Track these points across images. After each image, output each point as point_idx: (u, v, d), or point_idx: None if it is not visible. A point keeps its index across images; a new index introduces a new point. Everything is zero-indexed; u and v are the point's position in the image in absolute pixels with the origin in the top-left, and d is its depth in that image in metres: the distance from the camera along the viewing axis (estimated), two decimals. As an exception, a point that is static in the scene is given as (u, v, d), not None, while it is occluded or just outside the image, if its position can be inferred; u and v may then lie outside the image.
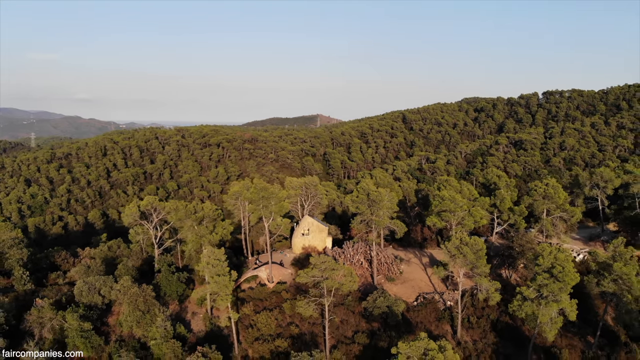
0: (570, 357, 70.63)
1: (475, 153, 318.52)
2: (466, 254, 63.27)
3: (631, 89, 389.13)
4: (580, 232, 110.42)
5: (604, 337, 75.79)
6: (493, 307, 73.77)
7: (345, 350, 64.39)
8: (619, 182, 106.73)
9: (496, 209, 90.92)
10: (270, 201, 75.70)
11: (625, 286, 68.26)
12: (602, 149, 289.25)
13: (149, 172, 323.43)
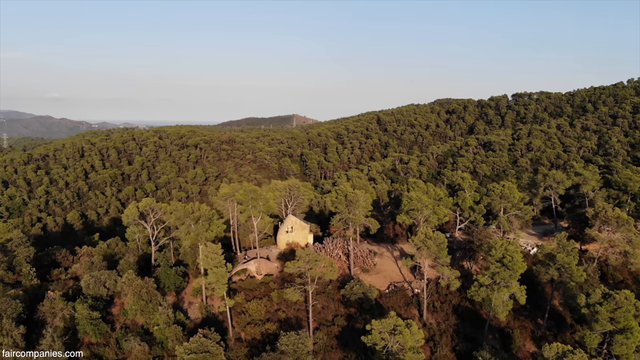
0: (521, 336, 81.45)
1: (446, 154, 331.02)
2: (430, 247, 73.39)
3: (597, 91, 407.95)
4: (536, 228, 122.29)
5: (551, 319, 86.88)
6: (454, 293, 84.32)
7: (326, 331, 74.28)
8: (569, 183, 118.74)
9: (458, 208, 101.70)
10: (259, 202, 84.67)
11: (567, 274, 79.30)
12: (567, 149, 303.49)
13: (126, 173, 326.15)
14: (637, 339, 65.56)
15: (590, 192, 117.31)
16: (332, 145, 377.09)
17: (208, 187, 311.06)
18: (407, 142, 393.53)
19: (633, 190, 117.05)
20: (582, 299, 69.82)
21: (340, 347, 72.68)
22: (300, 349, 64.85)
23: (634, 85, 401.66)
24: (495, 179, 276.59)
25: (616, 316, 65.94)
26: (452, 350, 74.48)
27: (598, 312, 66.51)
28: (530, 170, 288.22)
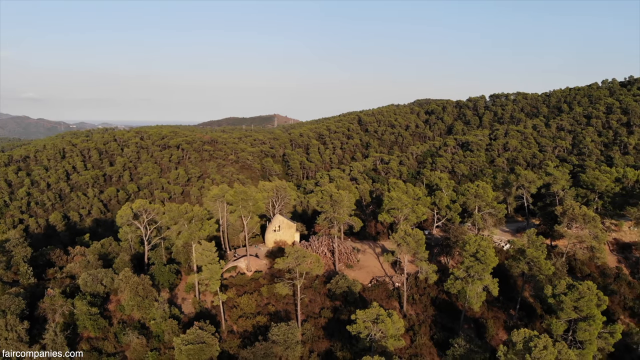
0: (495, 326, 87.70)
1: (425, 154, 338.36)
2: (409, 243, 78.97)
3: (572, 91, 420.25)
4: (509, 225, 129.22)
5: (523, 310, 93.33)
6: (432, 286, 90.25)
7: (313, 322, 79.64)
8: (540, 182, 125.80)
9: (436, 207, 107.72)
10: (249, 202, 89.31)
11: (536, 267, 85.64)
12: (543, 149, 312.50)
13: (108, 174, 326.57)
14: (599, 326, 71.96)
15: (560, 191, 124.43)
16: (314, 145, 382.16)
17: (190, 188, 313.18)
18: (388, 142, 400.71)
19: (600, 189, 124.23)
20: (549, 289, 76.01)
21: (327, 337, 78.23)
22: (290, 339, 69.97)
23: (608, 86, 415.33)
24: (473, 179, 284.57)
25: (580, 305, 72.07)
26: (430, 339, 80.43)
27: (563, 301, 72.59)
28: (506, 169, 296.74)
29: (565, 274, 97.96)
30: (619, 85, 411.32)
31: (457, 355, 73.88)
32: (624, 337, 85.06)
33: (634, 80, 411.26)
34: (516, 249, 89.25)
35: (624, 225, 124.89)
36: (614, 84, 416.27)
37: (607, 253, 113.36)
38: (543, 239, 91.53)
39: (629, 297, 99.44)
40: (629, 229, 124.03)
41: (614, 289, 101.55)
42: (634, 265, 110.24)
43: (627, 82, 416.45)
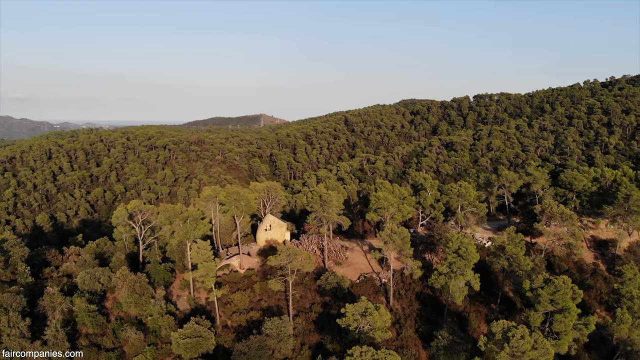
0: (477, 319, 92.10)
1: (411, 154, 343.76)
2: (395, 241, 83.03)
3: (554, 92, 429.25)
4: (491, 223, 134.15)
5: (503, 304, 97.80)
6: (417, 281, 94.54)
7: (305, 317, 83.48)
8: (521, 182, 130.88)
9: (421, 206, 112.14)
10: (241, 202, 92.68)
11: (515, 263, 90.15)
12: (526, 149, 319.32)
13: (95, 175, 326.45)
14: (574, 317, 76.57)
15: (540, 191, 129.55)
16: (301, 145, 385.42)
17: (178, 189, 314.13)
18: (374, 142, 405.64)
19: (578, 189, 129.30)
20: (527, 284, 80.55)
21: (317, 331, 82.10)
22: (282, 332, 73.73)
23: (590, 87, 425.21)
24: (457, 178, 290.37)
25: (555, 298, 76.54)
26: (415, 331, 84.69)
27: (540, 295, 77.02)
28: (490, 169, 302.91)
29: (544, 270, 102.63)
30: (600, 85, 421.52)
31: (441, 346, 78.18)
32: (600, 330, 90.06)
33: (615, 81, 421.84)
34: (497, 246, 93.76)
35: (601, 223, 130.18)
36: (595, 84, 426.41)
37: (584, 250, 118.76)
38: (523, 237, 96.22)
39: (604, 292, 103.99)
40: (605, 227, 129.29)
41: (590, 283, 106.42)
42: (610, 261, 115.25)
43: (609, 82, 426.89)
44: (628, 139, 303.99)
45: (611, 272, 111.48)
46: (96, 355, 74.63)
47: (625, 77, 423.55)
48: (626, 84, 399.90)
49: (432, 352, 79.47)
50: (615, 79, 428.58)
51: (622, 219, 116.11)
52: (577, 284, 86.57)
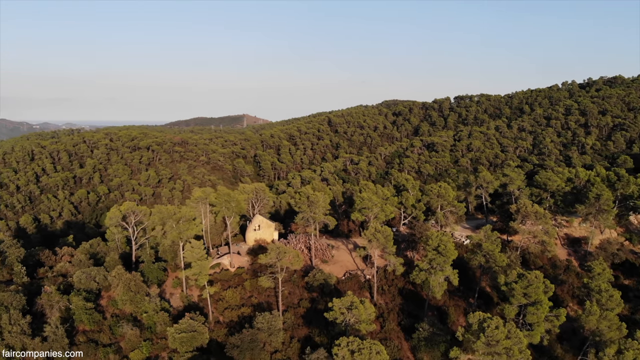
0: (456, 313, 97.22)
1: (393, 155, 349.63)
2: (379, 239, 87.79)
3: (533, 93, 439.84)
4: (470, 222, 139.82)
5: (481, 298, 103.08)
6: (400, 278, 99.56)
7: (293, 312, 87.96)
8: (498, 183, 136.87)
9: (403, 206, 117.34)
10: (231, 204, 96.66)
11: (492, 259, 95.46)
12: (505, 149, 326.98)
13: (78, 176, 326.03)
14: (546, 310, 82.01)
15: (516, 191, 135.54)
16: (285, 146, 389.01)
17: (162, 189, 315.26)
18: (357, 143, 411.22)
19: (552, 189, 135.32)
20: (502, 279, 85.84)
21: (306, 325, 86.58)
22: (273, 326, 78.09)
23: (568, 88, 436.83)
24: (438, 178, 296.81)
25: (528, 292, 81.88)
26: (398, 324, 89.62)
27: (514, 289, 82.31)
28: (470, 169, 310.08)
29: (519, 266, 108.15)
30: (578, 87, 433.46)
31: (422, 338, 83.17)
32: (572, 322, 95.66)
33: (592, 82, 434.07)
34: (474, 243, 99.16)
35: (575, 222, 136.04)
36: (573, 85, 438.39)
37: (558, 247, 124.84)
38: (499, 235, 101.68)
39: (577, 286, 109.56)
40: (578, 225, 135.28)
41: (563, 279, 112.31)
42: (583, 258, 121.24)
43: (586, 84, 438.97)
44: (604, 139, 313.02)
45: (583, 267, 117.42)
46: (94, 351, 77.82)
47: (602, 78, 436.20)
48: (603, 85, 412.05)
49: (413, 344, 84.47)
50: (592, 80, 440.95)
51: (593, 217, 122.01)
52: (550, 279, 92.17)
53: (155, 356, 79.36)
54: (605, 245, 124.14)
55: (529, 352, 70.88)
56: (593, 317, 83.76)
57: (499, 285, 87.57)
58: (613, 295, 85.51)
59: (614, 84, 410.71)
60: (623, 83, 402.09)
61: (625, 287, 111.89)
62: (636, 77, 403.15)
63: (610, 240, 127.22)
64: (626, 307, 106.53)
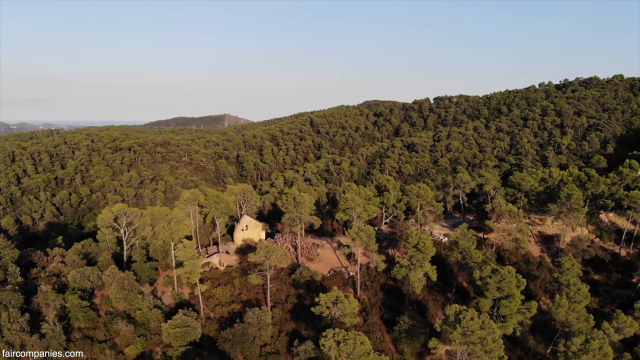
0: (434, 307, 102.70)
1: (375, 155, 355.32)
2: (362, 237, 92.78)
3: (511, 94, 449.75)
4: (448, 221, 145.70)
5: (458, 293, 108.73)
6: (381, 274, 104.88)
7: (281, 307, 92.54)
8: (474, 183, 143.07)
9: (384, 206, 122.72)
10: (220, 205, 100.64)
11: (468, 256, 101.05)
12: (483, 150, 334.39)
13: (60, 178, 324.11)
14: (518, 303, 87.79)
15: (491, 191, 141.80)
16: (267, 147, 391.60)
17: (144, 190, 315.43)
18: (339, 143, 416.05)
19: (525, 189, 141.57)
20: (477, 274, 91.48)
21: (293, 319, 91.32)
22: (262, 321, 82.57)
23: (545, 89, 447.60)
24: (418, 178, 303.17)
25: (502, 286, 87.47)
26: (380, 318, 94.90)
27: (488, 283, 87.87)
28: (449, 169, 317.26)
29: (494, 262, 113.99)
30: (554, 88, 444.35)
31: (403, 330, 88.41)
32: (544, 315, 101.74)
33: (568, 84, 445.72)
34: (451, 241, 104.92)
35: (548, 220, 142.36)
36: (550, 86, 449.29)
37: (532, 244, 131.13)
38: (475, 233, 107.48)
39: (549, 281, 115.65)
40: (551, 223, 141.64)
41: (536, 274, 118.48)
42: (555, 254, 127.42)
43: (562, 84, 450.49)
44: (579, 139, 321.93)
45: (555, 263, 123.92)
46: (90, 347, 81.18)
47: (578, 79, 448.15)
48: (579, 86, 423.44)
49: (395, 336, 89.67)
50: (568, 81, 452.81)
51: (565, 216, 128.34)
52: (523, 275, 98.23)
53: (150, 351, 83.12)
54: (576, 242, 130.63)
55: (501, 341, 76.12)
56: (562, 309, 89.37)
57: (475, 280, 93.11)
58: (581, 289, 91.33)
59: (590, 85, 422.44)
60: (598, 84, 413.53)
61: (595, 281, 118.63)
62: (611, 78, 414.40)
63: (581, 238, 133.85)
64: (595, 300, 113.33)
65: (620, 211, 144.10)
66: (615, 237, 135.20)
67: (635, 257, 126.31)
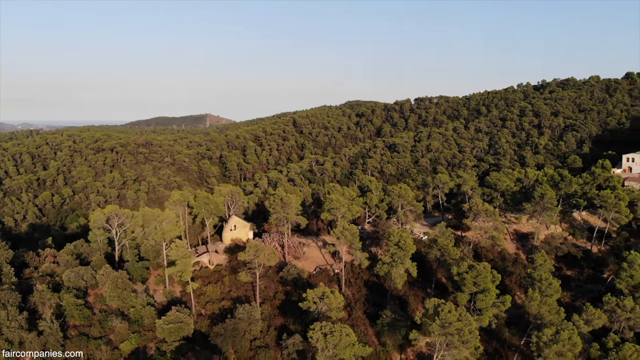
0: (415, 301, 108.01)
1: (357, 155, 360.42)
2: (346, 236, 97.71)
3: (490, 95, 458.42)
4: (428, 220, 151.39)
5: (437, 288, 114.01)
6: (365, 271, 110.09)
7: (270, 304, 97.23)
8: (452, 184, 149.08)
9: (367, 205, 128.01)
10: (210, 206, 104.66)
11: (446, 253, 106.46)
12: (462, 150, 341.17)
13: (42, 179, 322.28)
14: (493, 297, 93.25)
15: (469, 191, 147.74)
16: (250, 147, 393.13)
17: (127, 191, 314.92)
18: (322, 143, 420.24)
19: (501, 189, 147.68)
20: (455, 269, 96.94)
21: (281, 315, 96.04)
22: (252, 316, 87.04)
23: (523, 90, 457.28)
24: (400, 178, 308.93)
25: (478, 281, 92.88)
26: (364, 312, 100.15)
27: (465, 278, 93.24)
28: (429, 169, 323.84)
29: (471, 259, 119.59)
30: (532, 88, 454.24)
31: (385, 323, 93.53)
32: (519, 309, 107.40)
33: (546, 84, 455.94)
34: (431, 239, 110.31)
35: (523, 219, 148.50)
36: (528, 87, 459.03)
37: (507, 241, 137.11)
38: (453, 231, 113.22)
39: (523, 277, 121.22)
40: (526, 221, 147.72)
41: (512, 270, 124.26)
42: (530, 251, 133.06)
43: (540, 85, 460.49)
44: (556, 139, 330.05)
45: (529, 260, 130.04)
46: (86, 344, 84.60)
47: (556, 80, 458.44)
48: (556, 87, 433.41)
49: (378, 329, 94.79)
50: (546, 82, 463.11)
51: (538, 214, 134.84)
52: (499, 271, 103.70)
53: (144, 347, 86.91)
54: (550, 240, 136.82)
55: (477, 332, 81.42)
56: (535, 303, 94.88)
57: (453, 276, 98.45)
58: (552, 284, 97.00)
59: (567, 86, 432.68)
60: (575, 85, 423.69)
61: (567, 277, 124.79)
62: (587, 79, 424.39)
63: (554, 235, 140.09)
64: (568, 295, 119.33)
65: (592, 210, 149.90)
66: (587, 234, 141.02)
67: (606, 254, 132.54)
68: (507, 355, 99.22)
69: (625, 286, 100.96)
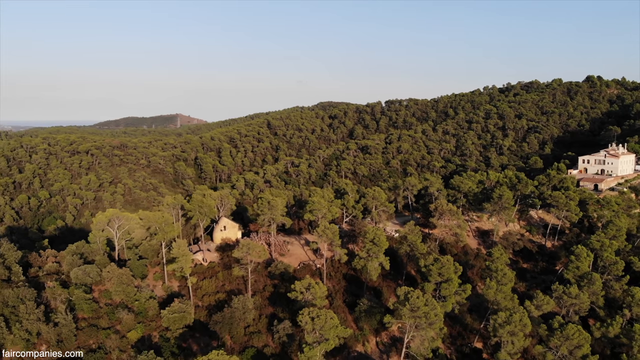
0: (388, 292, 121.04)
1: (331, 157, 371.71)
2: (327, 234, 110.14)
3: (457, 97, 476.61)
4: (399, 219, 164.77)
5: (407, 280, 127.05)
6: (343, 265, 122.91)
7: (260, 295, 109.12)
8: (420, 186, 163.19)
9: (344, 207, 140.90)
10: (204, 208, 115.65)
11: (415, 248, 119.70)
12: (431, 151, 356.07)
13: (18, 182, 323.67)
14: (455, 286, 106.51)
15: (435, 192, 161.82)
16: (225, 149, 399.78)
17: (103, 193, 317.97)
18: (296, 145, 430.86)
19: (464, 190, 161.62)
20: (422, 262, 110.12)
21: (271, 305, 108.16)
22: (246, 306, 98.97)
23: (489, 92, 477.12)
24: (372, 179, 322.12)
25: (442, 272, 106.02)
26: (343, 302, 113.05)
27: (431, 270, 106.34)
28: (400, 170, 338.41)
29: (437, 253, 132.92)
30: (498, 91, 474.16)
31: (362, 310, 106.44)
32: (479, 298, 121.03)
33: (510, 87, 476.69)
34: (401, 236, 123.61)
35: (484, 217, 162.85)
36: (493, 90, 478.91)
37: (470, 238, 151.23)
38: (421, 229, 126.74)
39: (484, 269, 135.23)
40: (487, 220, 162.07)
41: (473, 263, 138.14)
42: (490, 246, 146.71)
43: (506, 88, 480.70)
44: (520, 141, 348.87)
45: (488, 254, 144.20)
46: (96, 333, 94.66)
47: (520, 83, 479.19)
48: (520, 90, 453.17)
49: (356, 316, 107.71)
50: (511, 85, 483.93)
51: (497, 213, 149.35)
52: (462, 264, 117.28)
53: (148, 335, 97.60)
54: (508, 236, 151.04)
55: (442, 315, 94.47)
56: (491, 291, 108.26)
57: (420, 268, 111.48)
58: (507, 274, 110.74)
59: (530, 88, 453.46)
60: (538, 88, 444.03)
61: (523, 269, 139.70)
62: (550, 82, 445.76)
63: (512, 232, 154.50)
64: (523, 285, 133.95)
65: (548, 208, 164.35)
66: (543, 231, 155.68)
67: (559, 248, 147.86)
68: (469, 337, 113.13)
69: (572, 276, 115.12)
